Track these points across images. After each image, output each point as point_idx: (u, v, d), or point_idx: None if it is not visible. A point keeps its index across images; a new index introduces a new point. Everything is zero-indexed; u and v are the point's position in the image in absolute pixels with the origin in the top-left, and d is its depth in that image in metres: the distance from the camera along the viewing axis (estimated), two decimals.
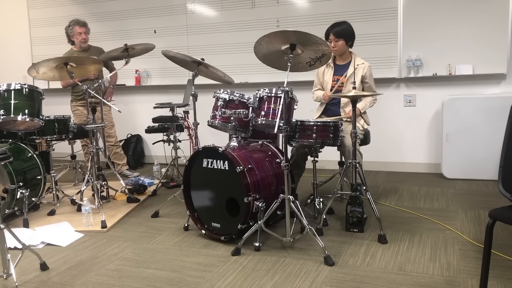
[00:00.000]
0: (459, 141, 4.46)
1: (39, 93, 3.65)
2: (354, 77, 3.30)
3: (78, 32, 4.75)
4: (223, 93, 3.22)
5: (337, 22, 3.66)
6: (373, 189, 4.25)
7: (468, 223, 3.24)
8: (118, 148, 5.14)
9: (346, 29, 3.61)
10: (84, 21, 4.82)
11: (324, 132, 3.22)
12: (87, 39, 4.83)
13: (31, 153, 3.78)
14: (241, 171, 2.85)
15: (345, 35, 3.60)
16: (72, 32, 4.77)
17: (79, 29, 4.75)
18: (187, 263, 2.74)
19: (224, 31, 5.37)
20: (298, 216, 2.81)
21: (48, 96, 4.16)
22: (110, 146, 5.07)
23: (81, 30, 4.75)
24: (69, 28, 4.79)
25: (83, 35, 4.76)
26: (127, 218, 3.68)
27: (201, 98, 3.98)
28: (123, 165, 5.16)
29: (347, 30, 3.61)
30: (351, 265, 2.62)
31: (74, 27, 4.75)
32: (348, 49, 3.69)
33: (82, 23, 4.78)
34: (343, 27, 3.61)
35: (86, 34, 4.80)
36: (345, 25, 3.63)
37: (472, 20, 4.48)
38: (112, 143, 5.06)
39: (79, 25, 4.76)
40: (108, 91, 5.08)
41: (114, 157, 5.10)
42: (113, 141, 5.07)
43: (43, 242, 3.15)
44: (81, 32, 4.75)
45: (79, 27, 4.75)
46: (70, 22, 4.78)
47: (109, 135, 5.02)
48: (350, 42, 3.65)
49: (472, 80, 4.64)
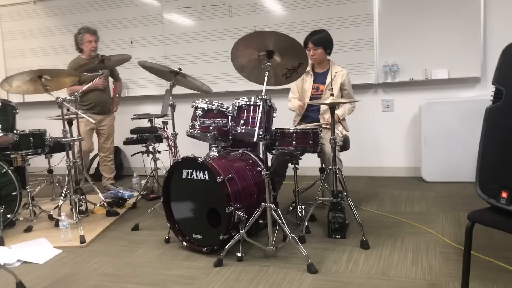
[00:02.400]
0: (437, 144, 4.52)
1: (13, 107, 3.57)
2: (332, 84, 3.32)
3: (89, 40, 4.63)
4: (201, 103, 3.19)
5: (315, 30, 3.67)
6: (354, 194, 4.27)
7: (448, 226, 3.27)
8: (109, 162, 5.03)
9: (325, 37, 3.63)
10: (95, 29, 4.71)
11: (304, 139, 3.22)
12: (97, 47, 4.71)
13: (6, 169, 3.68)
14: (222, 181, 2.83)
15: (324, 43, 3.62)
16: (82, 39, 4.64)
17: (89, 37, 4.63)
18: (169, 276, 2.70)
19: (201, 40, 5.36)
20: (280, 224, 2.79)
21: (22, 110, 4.07)
22: (102, 158, 4.99)
23: (91, 38, 4.64)
24: (79, 35, 4.65)
25: (94, 43, 4.65)
26: (107, 232, 3.61)
27: (180, 108, 3.95)
28: (109, 179, 5.04)
29: (326, 38, 3.63)
30: (334, 272, 2.61)
31: (85, 34, 4.63)
32: (326, 57, 3.70)
33: (93, 31, 4.66)
34: (321, 35, 3.63)
35: (96, 42, 4.69)
36: (324, 33, 3.64)
37: (446, 26, 4.56)
38: (105, 154, 4.98)
39: (90, 32, 4.64)
40: (115, 101, 5.07)
41: (102, 169, 5.01)
42: (106, 153, 4.98)
43: (19, 260, 3.06)
44: (91, 40, 4.63)
45: (89, 35, 4.63)
46: (80, 30, 4.65)
47: (103, 146, 4.95)
48: (329, 50, 3.67)
49: (448, 84, 4.71)
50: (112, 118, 5.00)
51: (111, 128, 4.99)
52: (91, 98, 4.72)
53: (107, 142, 4.96)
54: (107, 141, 4.96)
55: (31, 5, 5.96)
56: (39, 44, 5.99)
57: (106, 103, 4.88)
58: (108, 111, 4.92)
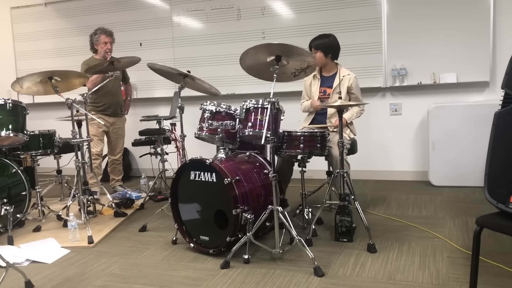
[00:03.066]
0: (446, 148, 4.50)
1: (23, 108, 3.60)
2: (340, 87, 3.33)
3: (104, 41, 4.58)
4: (209, 105, 3.21)
5: (320, 35, 3.68)
6: (362, 198, 4.26)
7: (456, 230, 3.25)
8: (119, 164, 5.02)
9: (325, 42, 3.62)
10: (111, 31, 4.67)
11: (311, 142, 3.22)
12: (112, 49, 4.67)
13: (16, 169, 3.73)
14: (229, 183, 2.84)
15: (323, 48, 3.62)
16: (97, 40, 4.60)
17: (105, 38, 4.59)
18: (176, 278, 2.71)
19: (210, 43, 5.38)
20: (287, 227, 2.79)
21: (32, 110, 4.12)
22: (112, 160, 4.97)
23: (107, 40, 4.59)
24: (94, 36, 4.62)
25: (109, 45, 4.61)
26: (114, 233, 3.63)
27: (188, 110, 3.97)
28: (117, 181, 5.04)
29: (327, 44, 3.62)
30: (341, 276, 2.61)
31: (101, 35, 4.59)
32: (329, 61, 3.69)
33: (109, 33, 4.63)
34: (322, 40, 3.63)
35: (112, 44, 4.66)
36: (325, 39, 3.64)
37: (455, 29, 4.55)
38: (116, 157, 4.96)
39: (106, 34, 4.60)
40: (126, 103, 5.05)
41: (111, 171, 5.00)
42: (117, 156, 4.96)
43: (28, 260, 3.09)
44: (107, 42, 4.59)
45: (105, 36, 4.59)
46: (97, 30, 4.62)
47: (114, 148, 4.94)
48: (330, 55, 3.65)
49: (457, 88, 4.70)
50: (124, 120, 4.99)
51: (122, 130, 4.98)
52: (105, 100, 4.70)
53: (118, 145, 4.94)
54: (118, 144, 4.94)
55: (42, 7, 6.03)
56: (50, 46, 6.05)
57: (118, 105, 4.86)
58: (120, 113, 4.91)
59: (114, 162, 4.98)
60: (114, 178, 5.02)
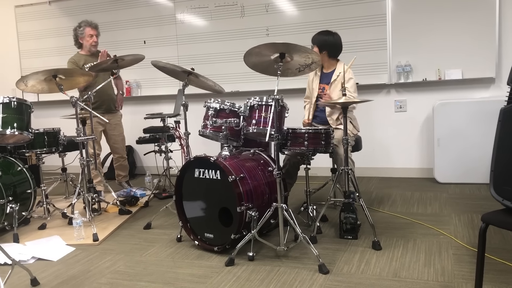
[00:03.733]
0: (451, 145, 4.48)
1: (28, 106, 3.61)
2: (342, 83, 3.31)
3: (89, 34, 4.49)
4: (213, 103, 3.21)
5: (323, 30, 3.67)
6: (366, 195, 4.25)
7: (461, 228, 3.24)
8: (124, 161, 4.99)
9: (322, 39, 3.60)
10: (96, 23, 4.57)
11: (315, 139, 3.22)
12: (98, 42, 4.57)
13: (21, 167, 3.75)
14: (233, 180, 2.83)
15: (318, 44, 3.61)
16: (82, 33, 4.50)
17: (90, 30, 4.50)
18: (181, 275, 2.71)
19: (214, 40, 5.37)
20: (292, 224, 2.79)
21: (37, 109, 4.13)
22: (117, 158, 4.95)
23: (92, 32, 4.50)
24: (79, 29, 4.51)
25: (94, 37, 4.52)
26: (119, 231, 3.64)
27: (192, 107, 3.97)
28: (124, 177, 5.03)
29: (322, 40, 3.59)
30: (346, 273, 2.60)
31: (86, 28, 4.49)
32: (326, 58, 3.66)
33: (94, 25, 4.53)
34: (321, 36, 3.62)
35: (97, 36, 4.57)
36: (324, 35, 3.62)
37: (461, 25, 4.52)
38: (120, 155, 4.93)
39: (91, 26, 4.51)
40: (118, 98, 4.90)
41: (118, 167, 4.98)
42: (121, 153, 4.93)
43: (33, 257, 3.10)
44: (92, 35, 4.50)
45: (90, 29, 4.50)
46: (81, 23, 4.51)
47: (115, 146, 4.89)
48: (326, 52, 3.62)
49: (462, 85, 4.67)
50: (119, 115, 4.89)
51: (120, 126, 4.88)
52: (96, 97, 4.46)
53: (118, 141, 4.87)
54: (118, 140, 4.87)
55: (46, 5, 6.04)
56: (54, 44, 6.06)
57: (111, 101, 4.75)
58: (114, 109, 4.81)
59: (119, 159, 4.95)
60: (120, 174, 5.00)
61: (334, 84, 3.61)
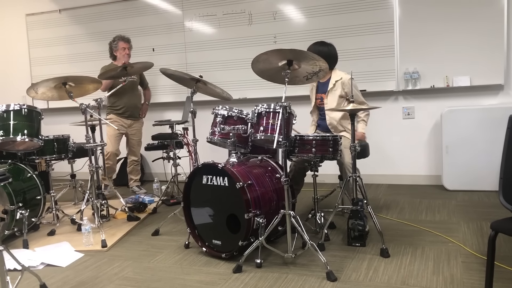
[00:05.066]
0: (459, 152, 4.46)
1: (38, 113, 3.65)
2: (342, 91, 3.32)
3: (122, 47, 4.89)
4: (221, 110, 3.23)
5: (319, 41, 3.65)
6: (374, 202, 4.24)
7: (470, 235, 3.22)
8: (138, 165, 5.27)
9: (316, 49, 3.50)
10: (129, 37, 4.98)
11: (323, 146, 3.22)
12: (130, 54, 4.96)
13: (31, 173, 3.78)
14: (241, 187, 2.84)
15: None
16: (116, 47, 4.91)
17: (123, 44, 4.89)
18: (188, 282, 2.72)
19: (222, 47, 5.41)
20: (299, 231, 2.79)
21: (47, 116, 4.17)
22: (132, 161, 5.20)
23: (125, 45, 4.90)
24: (113, 42, 4.93)
25: (127, 50, 4.91)
26: (128, 237, 3.66)
27: (200, 114, 3.99)
28: (135, 181, 5.25)
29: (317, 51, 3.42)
30: (354, 280, 2.59)
31: (119, 42, 4.89)
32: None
33: (126, 39, 4.94)
34: (314, 47, 3.57)
35: (130, 49, 4.95)
36: (319, 47, 3.57)
37: (468, 32, 4.51)
38: (136, 158, 5.20)
39: (124, 40, 4.91)
40: (144, 107, 5.28)
41: (130, 171, 5.23)
42: (137, 157, 5.21)
43: (43, 263, 3.13)
44: (125, 48, 4.89)
45: (123, 43, 4.90)
46: (115, 38, 4.93)
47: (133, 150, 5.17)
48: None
49: (470, 92, 4.65)
50: (141, 123, 5.24)
51: (140, 132, 5.22)
52: (123, 103, 4.96)
53: (137, 146, 5.19)
54: (137, 145, 5.19)
55: (56, 13, 6.11)
56: (64, 52, 6.13)
57: (136, 108, 5.12)
58: (137, 116, 5.16)
59: (133, 162, 5.21)
60: (132, 178, 5.23)
61: (331, 92, 3.61)
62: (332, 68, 3.66)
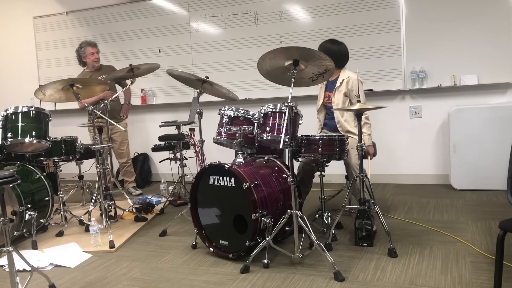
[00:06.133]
0: (467, 151, 4.43)
1: (46, 115, 3.68)
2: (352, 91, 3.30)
3: (91, 52, 4.89)
4: (228, 110, 3.23)
5: (330, 39, 3.64)
6: (382, 202, 4.22)
7: (479, 235, 3.20)
8: (129, 167, 5.26)
9: (326, 47, 3.52)
10: (95, 42, 4.98)
11: (330, 146, 3.21)
12: (99, 58, 4.95)
13: (39, 175, 3.81)
14: (248, 188, 2.84)
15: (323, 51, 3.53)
16: (84, 53, 4.90)
17: (91, 49, 4.89)
18: (196, 282, 2.73)
19: (228, 48, 5.41)
20: (307, 231, 2.79)
21: (55, 117, 4.19)
22: (122, 164, 5.20)
23: (93, 50, 4.90)
24: (81, 49, 4.92)
25: (96, 54, 4.91)
26: (135, 238, 3.67)
27: (207, 115, 4.00)
28: (130, 182, 5.28)
29: (327, 49, 3.49)
30: (361, 280, 2.59)
31: (86, 47, 4.89)
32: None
33: (93, 44, 4.94)
34: (325, 44, 3.57)
35: (98, 53, 4.94)
36: (329, 44, 3.56)
37: (475, 30, 4.49)
38: (123, 160, 5.19)
39: (91, 45, 4.91)
40: (124, 107, 5.19)
41: (123, 174, 5.24)
42: (124, 159, 5.19)
43: (51, 264, 3.15)
44: (93, 52, 4.89)
45: (91, 47, 4.90)
46: (81, 44, 4.92)
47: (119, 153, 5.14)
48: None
49: (478, 90, 4.63)
50: (123, 125, 5.06)
51: (124, 134, 5.13)
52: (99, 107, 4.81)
53: (122, 148, 5.15)
54: (122, 147, 5.15)
55: (63, 16, 6.15)
56: (71, 54, 6.09)
57: (114, 110, 5.01)
58: (118, 117, 5.06)
59: (124, 165, 5.22)
60: (127, 180, 5.28)
61: (338, 90, 3.59)
62: (342, 67, 3.65)
